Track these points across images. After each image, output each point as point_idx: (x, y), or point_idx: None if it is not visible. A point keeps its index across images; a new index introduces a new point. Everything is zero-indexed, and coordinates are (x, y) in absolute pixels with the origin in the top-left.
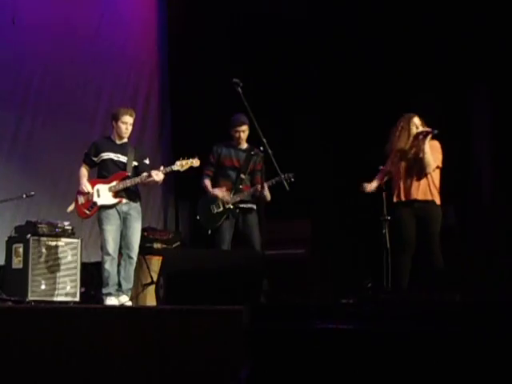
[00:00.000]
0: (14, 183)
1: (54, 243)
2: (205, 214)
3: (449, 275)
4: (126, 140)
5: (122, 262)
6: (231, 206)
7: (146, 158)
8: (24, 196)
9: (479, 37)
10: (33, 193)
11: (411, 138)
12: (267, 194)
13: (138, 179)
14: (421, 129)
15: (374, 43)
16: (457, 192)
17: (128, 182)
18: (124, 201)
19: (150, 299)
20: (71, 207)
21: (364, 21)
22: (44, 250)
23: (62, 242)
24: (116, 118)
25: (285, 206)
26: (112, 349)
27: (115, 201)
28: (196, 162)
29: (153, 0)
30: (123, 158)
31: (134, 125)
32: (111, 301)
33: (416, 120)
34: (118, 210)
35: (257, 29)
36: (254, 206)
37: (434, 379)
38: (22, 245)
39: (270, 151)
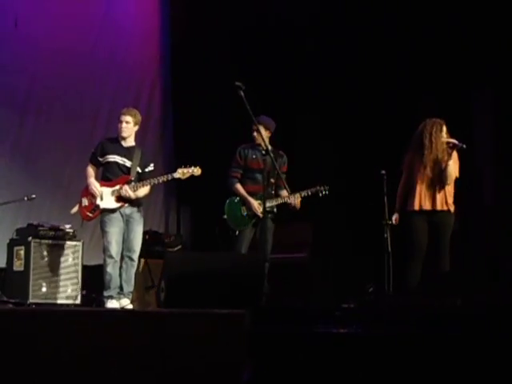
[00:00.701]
0: (15, 185)
1: (55, 246)
2: (235, 215)
3: (450, 278)
4: (132, 143)
5: (124, 265)
6: (261, 215)
7: (149, 165)
8: (25, 198)
9: (482, 38)
10: (34, 195)
11: (444, 146)
12: (298, 205)
13: (146, 182)
14: (448, 139)
15: (376, 44)
16: (458, 193)
17: (131, 187)
18: (126, 204)
19: (151, 302)
20: (75, 209)
21: (366, 21)
22: (45, 253)
23: (64, 244)
24: (118, 117)
25: (286, 209)
26: (113, 352)
27: (117, 205)
28: (197, 171)
29: (155, 4)
30: (128, 163)
31: (139, 125)
32: (112, 304)
33: (445, 128)
34: (121, 213)
35: (258, 31)
36: (275, 210)
37: (435, 382)
38: (23, 247)
39: (271, 154)
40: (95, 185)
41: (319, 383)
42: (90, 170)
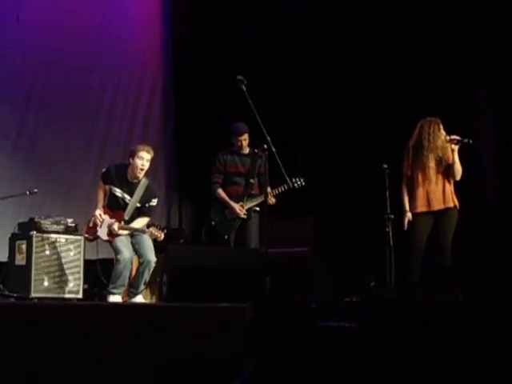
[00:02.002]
0: (17, 180)
1: (57, 240)
2: (221, 220)
3: (452, 274)
4: (137, 180)
5: (141, 267)
6: (245, 217)
7: (151, 201)
8: (27, 193)
9: (484, 36)
10: (36, 190)
11: (445, 144)
12: (273, 200)
13: (131, 228)
14: (452, 136)
15: (379, 41)
16: (460, 189)
17: (121, 227)
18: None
19: (153, 296)
20: (84, 228)
21: (369, 19)
22: (47, 247)
23: (65, 238)
24: (133, 153)
25: (287, 203)
26: (114, 346)
27: (107, 238)
28: (161, 237)
29: (157, 1)
30: (128, 199)
31: (151, 161)
32: (115, 298)
33: (441, 126)
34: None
35: (260, 28)
36: (258, 208)
37: (438, 377)
38: (25, 242)
39: (273, 149)
40: (98, 216)
41: (321, 377)
42: (101, 193)
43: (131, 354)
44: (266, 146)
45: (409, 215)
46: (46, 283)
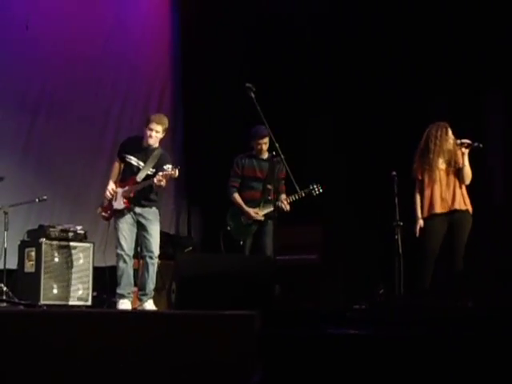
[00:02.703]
0: (26, 187)
1: (66, 247)
2: (236, 225)
3: (461, 279)
4: (155, 146)
5: (145, 265)
6: (262, 219)
7: (165, 164)
8: (36, 200)
9: (493, 39)
10: (45, 197)
11: (453, 147)
12: (287, 207)
13: (140, 185)
14: (462, 140)
15: (390, 48)
16: (469, 194)
17: (135, 187)
18: (131, 206)
19: (162, 304)
20: (99, 210)
21: (379, 24)
22: (56, 254)
23: (74, 246)
24: (146, 123)
25: (297, 211)
26: (123, 354)
27: (123, 206)
28: (175, 173)
29: (166, 4)
30: (141, 165)
31: (167, 131)
32: (124, 304)
33: (450, 130)
34: (130, 212)
35: (270, 32)
36: (272, 220)
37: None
38: (34, 249)
39: (282, 156)
40: (110, 189)
41: None
42: (115, 170)
43: (140, 361)
44: (274, 153)
45: (421, 222)
46: (55, 290)
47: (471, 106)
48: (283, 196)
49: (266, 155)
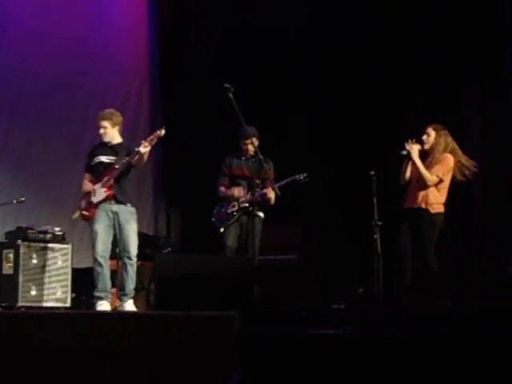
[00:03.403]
0: (4, 189)
1: (44, 249)
2: (219, 214)
3: (439, 278)
4: (118, 141)
5: (123, 266)
6: (246, 204)
7: (133, 150)
8: (14, 201)
9: (470, 39)
10: (23, 198)
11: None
12: (272, 197)
13: (124, 161)
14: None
15: (365, 48)
16: (447, 194)
17: (115, 172)
18: (112, 199)
19: (141, 305)
20: (76, 214)
21: (355, 24)
22: (34, 256)
23: (53, 247)
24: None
25: (276, 211)
26: (102, 354)
27: (106, 194)
28: (161, 133)
29: (144, 4)
30: (113, 159)
31: (120, 124)
32: (102, 306)
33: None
34: (107, 211)
35: (248, 32)
36: (262, 215)
37: (425, 382)
38: (12, 250)
39: (260, 156)
40: (88, 184)
41: None
42: (86, 177)
43: (118, 362)
44: (253, 153)
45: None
46: (33, 292)
47: (448, 105)
48: (269, 190)
49: (253, 155)
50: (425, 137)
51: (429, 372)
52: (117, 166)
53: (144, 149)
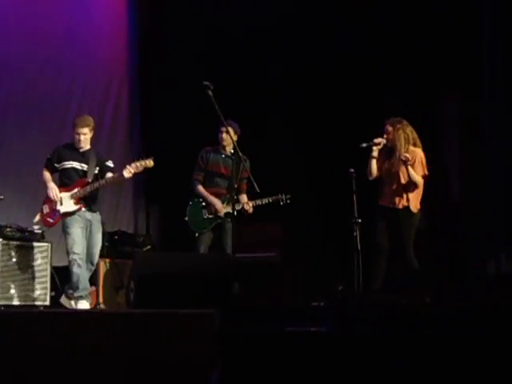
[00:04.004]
0: None
1: (23, 247)
2: (195, 217)
3: (418, 276)
4: (88, 147)
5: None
6: (222, 215)
7: (107, 161)
8: None
9: (449, 41)
10: (2, 196)
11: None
12: (251, 210)
13: (102, 182)
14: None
15: (345, 47)
16: (426, 192)
17: (88, 188)
18: (83, 209)
19: (121, 303)
20: (37, 217)
21: (338, 25)
22: (13, 254)
23: (32, 246)
24: (73, 127)
25: (256, 209)
26: (82, 353)
27: (76, 207)
28: (150, 163)
29: (123, 3)
30: (85, 167)
31: (94, 130)
32: (83, 304)
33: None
34: (81, 217)
35: (229, 30)
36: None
37: (404, 380)
38: None
39: (240, 154)
40: (55, 190)
41: (289, 382)
42: (48, 175)
43: (98, 360)
44: (232, 152)
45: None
46: (12, 291)
47: (427, 105)
48: (244, 197)
49: (231, 151)
50: (385, 134)
51: (408, 370)
52: (89, 180)
53: (128, 174)
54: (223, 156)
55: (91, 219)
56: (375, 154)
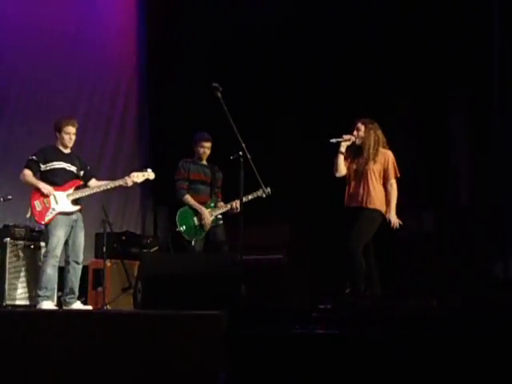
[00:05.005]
0: None
1: (31, 247)
2: (188, 225)
3: (426, 279)
4: (69, 150)
5: (71, 270)
6: (209, 227)
7: (88, 166)
8: (1, 200)
9: (458, 38)
10: (10, 196)
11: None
12: (239, 207)
13: (103, 187)
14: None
15: (353, 48)
16: (434, 195)
17: (87, 191)
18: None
19: (128, 304)
20: (28, 214)
21: (343, 25)
22: (21, 254)
23: (40, 246)
24: (59, 128)
25: (262, 211)
26: (90, 353)
27: (75, 208)
28: (150, 175)
29: (132, 3)
30: (73, 168)
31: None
32: (48, 305)
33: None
34: (68, 217)
35: (237, 31)
36: (222, 221)
37: (412, 382)
38: None
39: (248, 156)
40: (49, 187)
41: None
42: (31, 175)
43: (105, 361)
44: (241, 153)
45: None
46: (20, 290)
47: (436, 106)
48: (221, 203)
49: (205, 162)
50: (355, 132)
51: (416, 372)
52: (83, 183)
53: (130, 183)
54: (201, 166)
55: (76, 219)
56: (343, 149)
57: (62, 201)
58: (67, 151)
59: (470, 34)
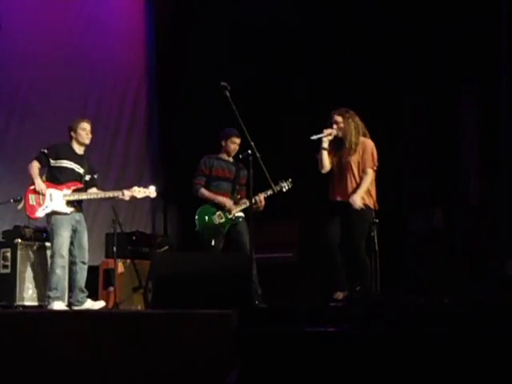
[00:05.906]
0: (1, 188)
1: (41, 248)
2: (207, 225)
3: (438, 277)
4: (83, 151)
5: (79, 270)
6: (233, 217)
7: (96, 173)
8: (11, 201)
9: (468, 37)
10: (20, 197)
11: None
12: (262, 204)
13: (100, 195)
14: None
15: (362, 46)
16: (444, 193)
17: (85, 196)
18: (76, 210)
19: (139, 303)
20: (21, 205)
21: (353, 24)
22: (32, 255)
23: (50, 246)
24: (74, 128)
25: (273, 209)
26: (101, 352)
27: (69, 210)
28: (152, 193)
29: (141, 5)
30: (81, 170)
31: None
32: (59, 305)
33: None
34: (71, 218)
35: (245, 31)
36: (243, 214)
37: (423, 380)
38: (9, 249)
39: (258, 155)
40: (42, 187)
41: (307, 383)
42: (36, 169)
43: (116, 360)
44: (250, 152)
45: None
46: (30, 291)
47: (447, 104)
48: (245, 201)
49: (232, 159)
50: (334, 125)
51: (426, 370)
52: (82, 186)
53: (127, 198)
54: (225, 162)
55: (79, 219)
56: (325, 145)
57: (56, 200)
58: (80, 152)
59: (479, 32)
